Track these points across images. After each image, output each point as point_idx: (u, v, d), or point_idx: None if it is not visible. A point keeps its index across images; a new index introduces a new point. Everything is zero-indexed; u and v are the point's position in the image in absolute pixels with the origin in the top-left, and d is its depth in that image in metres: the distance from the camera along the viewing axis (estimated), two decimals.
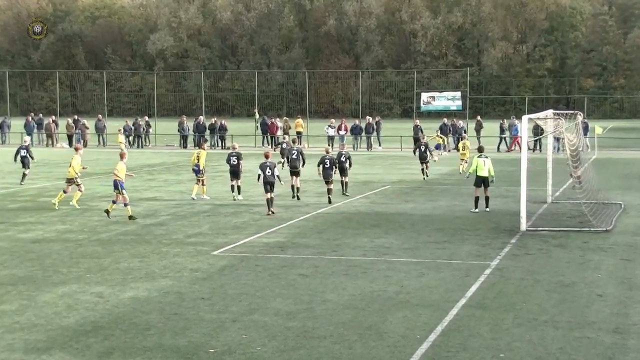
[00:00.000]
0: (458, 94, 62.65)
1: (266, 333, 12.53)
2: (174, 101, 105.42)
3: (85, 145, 57.10)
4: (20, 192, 30.52)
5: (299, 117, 59.28)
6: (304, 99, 73.56)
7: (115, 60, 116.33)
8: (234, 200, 27.68)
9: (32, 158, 34.02)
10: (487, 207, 25.26)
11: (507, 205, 26.34)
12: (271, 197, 24.77)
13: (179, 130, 57.77)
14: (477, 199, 25.29)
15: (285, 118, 61.26)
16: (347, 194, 28.93)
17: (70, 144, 58.14)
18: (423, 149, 34.49)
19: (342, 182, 29.34)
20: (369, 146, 54.75)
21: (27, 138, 45.24)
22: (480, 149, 26.30)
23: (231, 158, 27.96)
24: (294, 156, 28.76)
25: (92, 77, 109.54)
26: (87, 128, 58.86)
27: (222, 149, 54.40)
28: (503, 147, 52.53)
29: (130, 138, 57.65)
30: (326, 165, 27.74)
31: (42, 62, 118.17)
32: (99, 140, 58.57)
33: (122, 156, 24.55)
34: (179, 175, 36.99)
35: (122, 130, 54.51)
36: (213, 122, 57.42)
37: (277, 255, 18.54)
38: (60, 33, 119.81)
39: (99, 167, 40.46)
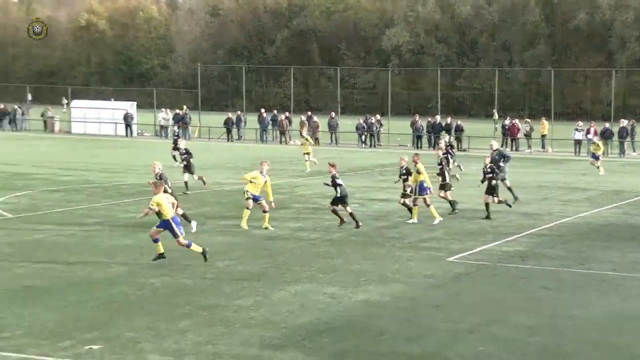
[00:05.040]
0: None
1: (505, 347, 12.47)
2: (407, 99, 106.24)
3: (317, 143, 59.06)
4: None
5: (542, 119, 58.07)
6: (549, 99, 71.81)
7: (349, 57, 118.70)
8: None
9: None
10: None
11: None
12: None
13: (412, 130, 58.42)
14: None
15: (526, 119, 60.13)
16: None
17: None
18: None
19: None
20: (622, 152, 52.82)
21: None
22: None
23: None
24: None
25: (326, 74, 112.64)
26: (319, 126, 60.73)
27: (458, 150, 54.29)
28: None
29: (363, 137, 59.11)
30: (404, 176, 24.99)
31: (277, 57, 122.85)
32: (331, 139, 60.39)
33: None
34: None
35: (307, 125, 56.51)
36: (448, 122, 57.52)
37: (517, 265, 18.34)
38: (295, 28, 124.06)
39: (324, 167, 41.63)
